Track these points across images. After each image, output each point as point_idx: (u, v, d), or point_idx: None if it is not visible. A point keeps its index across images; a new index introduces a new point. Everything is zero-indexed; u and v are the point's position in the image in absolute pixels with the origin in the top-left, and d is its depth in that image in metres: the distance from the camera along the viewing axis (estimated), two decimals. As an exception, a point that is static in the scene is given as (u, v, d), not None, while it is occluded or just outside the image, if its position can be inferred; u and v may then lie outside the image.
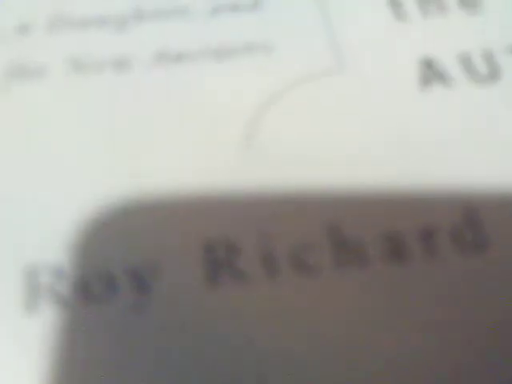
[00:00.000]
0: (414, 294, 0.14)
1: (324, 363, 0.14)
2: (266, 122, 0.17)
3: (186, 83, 0.17)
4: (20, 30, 0.18)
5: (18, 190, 0.15)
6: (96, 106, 0.17)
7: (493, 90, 0.17)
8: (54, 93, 0.17)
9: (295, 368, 0.14)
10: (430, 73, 0.17)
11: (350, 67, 0.17)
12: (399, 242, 0.15)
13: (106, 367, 0.14)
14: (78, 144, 0.16)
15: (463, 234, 0.15)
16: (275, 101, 0.17)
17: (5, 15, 0.18)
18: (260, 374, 0.14)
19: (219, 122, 0.17)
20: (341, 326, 0.14)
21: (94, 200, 0.15)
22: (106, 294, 0.14)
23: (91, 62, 0.17)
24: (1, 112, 0.17)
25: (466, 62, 0.17)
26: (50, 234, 0.15)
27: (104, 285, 0.14)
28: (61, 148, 0.16)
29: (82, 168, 0.16)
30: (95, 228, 0.15)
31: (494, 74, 0.17)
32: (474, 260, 0.14)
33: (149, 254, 0.14)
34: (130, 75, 0.17)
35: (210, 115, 0.17)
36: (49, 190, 0.15)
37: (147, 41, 0.18)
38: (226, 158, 0.16)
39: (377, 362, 0.14)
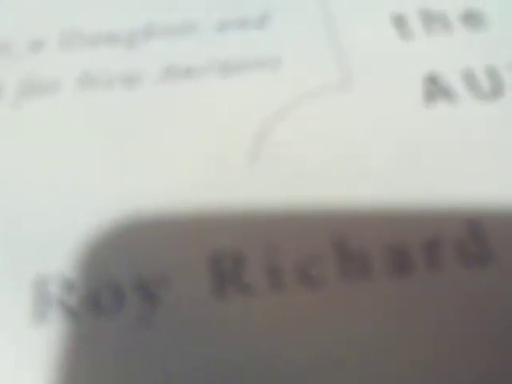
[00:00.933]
0: (418, 306, 0.14)
1: (328, 374, 0.14)
2: (272, 137, 0.17)
3: (195, 98, 0.17)
4: (32, 47, 0.18)
5: (28, 202, 0.16)
6: (106, 121, 0.17)
7: (496, 106, 0.17)
8: (65, 108, 0.17)
9: (300, 379, 0.14)
10: (435, 89, 0.17)
11: (355, 83, 0.18)
12: (404, 254, 0.15)
13: (112, 379, 0.14)
14: (87, 158, 0.16)
15: (467, 246, 0.15)
16: (282, 115, 0.17)
17: (17, 32, 0.18)
18: (263, 381, 0.14)
19: (226, 137, 0.17)
20: (345, 338, 0.14)
21: (103, 213, 0.15)
22: (115, 305, 0.14)
23: (102, 78, 0.18)
24: (12, 127, 0.17)
25: (470, 79, 0.17)
26: (59, 246, 0.15)
27: (112, 296, 0.14)
28: (70, 162, 0.16)
29: (92, 181, 0.16)
30: (104, 240, 0.15)
31: (497, 90, 0.17)
32: (477, 273, 0.15)
33: (157, 267, 0.15)
34: (139, 90, 0.17)
35: (217, 130, 0.17)
36: (59, 203, 0.16)
37: (156, 57, 0.18)
38: (233, 172, 0.16)
39: (380, 373, 0.14)
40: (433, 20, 0.19)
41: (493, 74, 0.17)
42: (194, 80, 0.18)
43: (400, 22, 0.19)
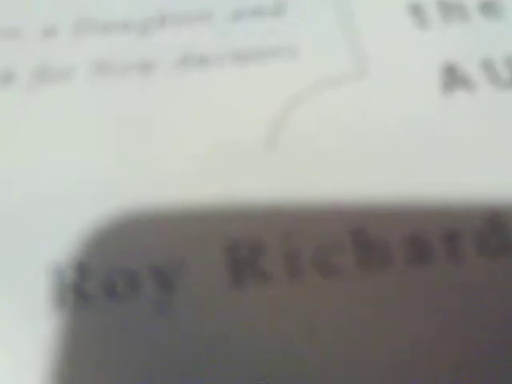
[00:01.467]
0: (437, 295, 0.14)
1: (347, 363, 0.14)
2: (289, 125, 0.17)
3: (210, 86, 0.17)
4: (46, 34, 0.18)
5: (42, 189, 0.15)
6: (119, 108, 0.17)
7: (515, 95, 0.17)
8: (77, 95, 0.17)
9: (316, 367, 0.14)
10: (452, 78, 0.17)
11: (372, 72, 0.17)
12: (423, 244, 0.15)
13: (128, 365, 0.14)
14: (101, 144, 0.16)
15: (488, 237, 0.15)
16: (298, 104, 0.17)
17: (30, 19, 0.18)
18: (283, 374, 0.14)
19: (243, 125, 0.17)
20: (362, 327, 0.14)
21: (119, 199, 0.15)
22: (130, 292, 0.14)
23: (115, 66, 0.17)
24: (26, 114, 0.17)
25: (488, 68, 0.17)
26: (75, 232, 0.15)
27: (128, 283, 0.14)
28: (84, 148, 0.16)
29: (107, 167, 0.16)
30: (120, 227, 0.15)
31: (516, 78, 0.17)
32: (498, 263, 0.14)
33: (173, 254, 0.14)
34: (153, 78, 0.17)
35: (233, 118, 0.17)
36: (74, 189, 0.15)
37: (171, 44, 0.18)
38: (250, 160, 0.16)
39: (399, 362, 0.14)
40: (450, 9, 0.18)
41: (511, 62, 0.17)
42: (209, 68, 0.17)
43: (417, 11, 0.18)
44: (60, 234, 0.15)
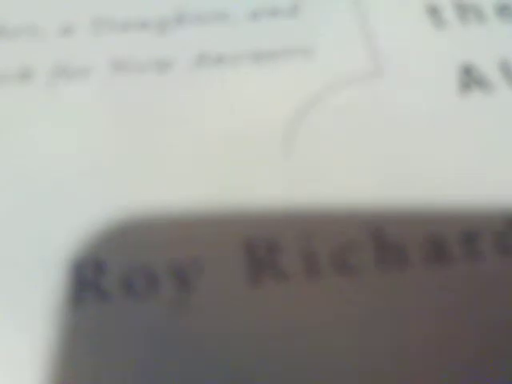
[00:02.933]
0: (455, 295, 0.14)
1: (362, 362, 0.14)
2: (305, 125, 0.17)
3: (227, 86, 0.17)
4: (64, 32, 0.18)
5: (60, 185, 0.16)
6: (136, 107, 0.17)
7: (534, 96, 0.17)
8: (95, 93, 0.17)
9: (333, 365, 0.14)
10: (469, 79, 0.17)
11: (388, 72, 0.17)
12: (441, 244, 0.15)
13: (145, 362, 0.14)
14: (118, 142, 0.16)
15: (506, 236, 0.15)
16: (314, 104, 0.17)
17: (49, 17, 0.18)
18: (300, 373, 0.14)
19: (259, 125, 0.17)
20: (381, 326, 0.14)
21: (137, 197, 0.15)
22: (148, 289, 0.14)
23: (132, 64, 0.17)
24: (44, 111, 0.17)
25: (505, 69, 0.17)
26: (94, 230, 0.15)
27: (146, 280, 0.14)
28: (101, 145, 0.16)
29: (124, 165, 0.16)
30: (138, 225, 0.15)
31: (534, 80, 0.17)
32: (516, 263, 0.14)
33: (191, 253, 0.14)
34: (170, 77, 0.17)
35: (249, 117, 0.17)
36: (92, 186, 0.15)
37: (188, 44, 0.18)
38: (267, 158, 0.16)
39: (416, 360, 0.14)
40: (467, 10, 0.18)
41: (529, 64, 0.17)
42: (226, 68, 0.17)
43: (434, 12, 0.18)
44: (78, 231, 0.15)
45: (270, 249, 0.15)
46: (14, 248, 0.15)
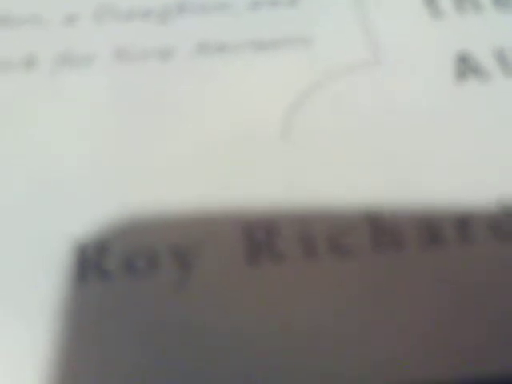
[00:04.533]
0: (449, 277, 0.14)
1: (361, 343, 0.14)
2: (304, 113, 0.17)
3: (227, 74, 0.18)
4: (68, 21, 0.18)
5: (64, 169, 0.16)
6: (139, 95, 0.17)
7: (528, 83, 0.17)
8: (98, 81, 0.17)
9: (331, 347, 0.14)
10: (466, 68, 0.17)
11: (386, 61, 0.18)
12: (436, 228, 0.15)
13: (146, 340, 0.14)
14: (121, 129, 0.17)
15: (499, 222, 0.15)
16: (313, 93, 0.17)
17: (53, 6, 0.18)
18: (297, 353, 0.14)
19: (258, 113, 0.17)
20: (377, 307, 0.14)
21: (138, 180, 0.16)
22: (149, 269, 0.14)
23: (135, 53, 0.18)
24: (47, 99, 0.17)
25: (501, 58, 0.17)
26: (96, 211, 0.15)
27: (147, 260, 0.14)
28: (104, 132, 0.17)
29: (127, 150, 0.16)
30: (139, 206, 0.15)
31: (529, 68, 0.17)
32: (509, 246, 0.15)
33: (191, 233, 0.15)
34: (172, 65, 0.18)
35: (249, 106, 0.17)
36: (96, 172, 0.16)
37: (189, 33, 0.18)
38: (266, 146, 0.16)
39: (413, 341, 0.14)
40: (464, 0, 0.19)
41: (524, 52, 0.18)
42: (227, 57, 0.18)
43: (431, 2, 0.19)
44: (82, 213, 0.15)
45: (268, 232, 0.15)
46: (18, 229, 0.15)
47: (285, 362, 0.14)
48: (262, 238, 0.15)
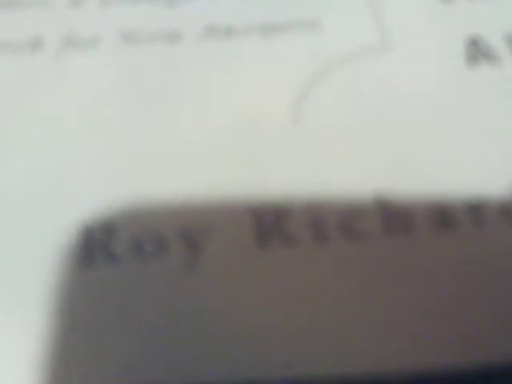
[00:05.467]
0: (460, 259, 0.14)
1: (372, 326, 0.14)
2: (313, 97, 0.17)
3: (235, 58, 0.17)
4: (73, 3, 0.18)
5: (71, 152, 0.16)
6: (145, 78, 0.17)
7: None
8: (104, 64, 0.17)
9: (342, 330, 0.14)
10: (477, 51, 0.17)
11: (396, 45, 0.17)
12: (446, 209, 0.15)
13: (153, 324, 0.14)
14: (127, 111, 0.16)
15: (511, 205, 0.15)
16: (322, 76, 0.17)
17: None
18: (308, 337, 0.14)
19: (267, 97, 0.17)
20: (388, 291, 0.14)
21: (147, 162, 0.15)
22: (158, 252, 0.14)
23: (141, 36, 0.18)
24: (53, 81, 0.17)
25: (512, 42, 0.17)
26: (104, 193, 0.15)
27: (155, 243, 0.14)
28: (111, 114, 0.16)
29: (134, 132, 0.16)
30: (148, 189, 0.15)
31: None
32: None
33: (200, 217, 0.15)
34: (179, 49, 0.17)
35: (257, 89, 0.17)
36: (102, 153, 0.16)
37: (197, 16, 0.18)
38: (275, 130, 0.16)
39: (423, 324, 0.14)
40: (474, -16, 0.18)
41: (536, 37, 0.17)
42: (235, 40, 0.18)
43: (442, -14, 0.18)
44: (90, 196, 0.15)
45: (278, 215, 0.15)
46: (25, 213, 0.15)
47: (295, 345, 0.14)
48: (272, 221, 0.15)
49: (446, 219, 0.15)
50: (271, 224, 0.15)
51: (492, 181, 0.15)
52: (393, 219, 0.15)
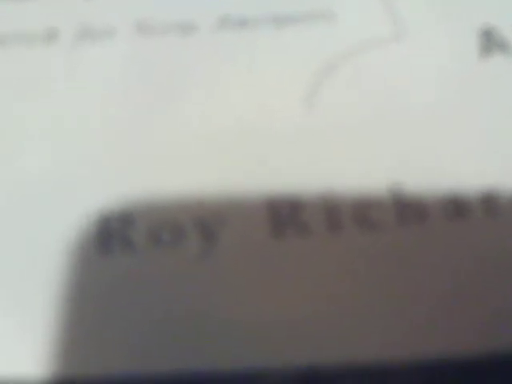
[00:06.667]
0: (474, 250, 0.14)
1: (387, 313, 0.14)
2: (326, 89, 0.17)
3: (249, 48, 0.17)
4: (88, -6, 0.18)
5: (89, 142, 0.16)
6: (160, 68, 0.17)
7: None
8: (119, 55, 0.17)
9: (357, 321, 0.14)
10: (490, 42, 0.17)
11: (409, 35, 0.17)
12: (460, 199, 0.15)
13: (169, 310, 0.14)
14: (142, 102, 0.16)
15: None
16: (336, 66, 0.17)
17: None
18: (321, 324, 0.14)
19: (281, 87, 0.17)
20: (402, 279, 0.14)
21: (163, 153, 0.16)
22: (174, 241, 0.14)
23: (156, 26, 0.18)
24: (68, 71, 0.17)
25: (526, 32, 0.17)
26: (122, 183, 0.15)
27: (172, 232, 0.14)
28: (125, 105, 0.16)
29: (149, 123, 0.16)
30: (165, 179, 0.15)
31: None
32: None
33: (216, 206, 0.15)
34: (194, 39, 0.17)
35: (272, 80, 0.17)
36: (119, 144, 0.16)
37: (211, 7, 0.18)
38: (289, 121, 0.16)
39: (438, 310, 0.14)
40: (488, -25, 0.18)
41: (550, 27, 0.17)
42: (249, 31, 0.18)
43: (455, -23, 0.18)
44: (107, 186, 0.15)
45: (293, 205, 0.15)
46: (44, 201, 0.15)
47: (310, 333, 0.14)
48: (287, 211, 0.15)
49: (459, 209, 0.15)
50: (286, 214, 0.15)
51: (506, 171, 0.15)
52: (406, 209, 0.15)
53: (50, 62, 0.17)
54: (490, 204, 0.15)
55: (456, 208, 0.15)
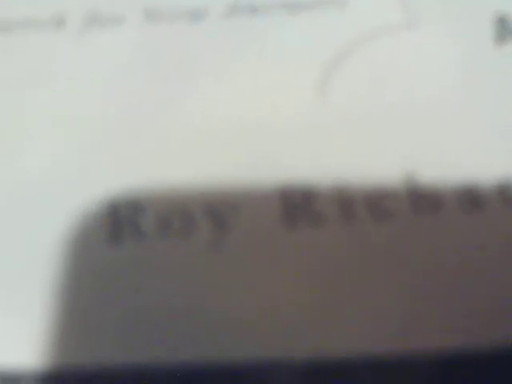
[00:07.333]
0: (489, 240, 0.14)
1: (398, 306, 0.14)
2: (338, 76, 0.17)
3: (260, 35, 0.17)
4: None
5: (99, 131, 0.16)
6: (169, 55, 0.17)
7: None
8: (128, 41, 0.17)
9: (368, 309, 0.14)
10: (505, 30, 0.17)
11: (422, 23, 0.17)
12: (475, 190, 0.15)
13: (179, 300, 0.14)
14: (151, 89, 0.16)
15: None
16: (348, 54, 0.17)
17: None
18: (331, 312, 0.14)
19: (293, 74, 0.17)
20: (416, 269, 0.14)
21: (174, 140, 0.15)
22: (185, 229, 0.14)
23: (165, 13, 0.17)
24: (77, 58, 0.17)
25: (541, 20, 0.17)
26: (132, 171, 0.15)
27: (183, 221, 0.14)
28: (135, 92, 0.16)
29: (158, 110, 0.16)
30: (176, 167, 0.15)
31: None
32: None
33: (227, 195, 0.15)
34: (202, 26, 0.17)
35: (283, 67, 0.17)
36: (128, 131, 0.16)
37: (221, -7, 0.18)
38: (300, 109, 0.16)
39: (453, 300, 0.14)
40: (502, -38, 0.18)
41: None
42: (260, 17, 0.17)
43: (469, -37, 0.18)
44: (118, 174, 0.15)
45: (305, 194, 0.15)
46: (55, 190, 0.15)
47: (322, 322, 0.14)
48: (300, 200, 0.15)
49: (474, 199, 0.15)
50: (299, 204, 0.15)
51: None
52: (421, 198, 0.15)
53: (58, 47, 0.17)
54: (505, 193, 0.15)
55: (471, 198, 0.15)
